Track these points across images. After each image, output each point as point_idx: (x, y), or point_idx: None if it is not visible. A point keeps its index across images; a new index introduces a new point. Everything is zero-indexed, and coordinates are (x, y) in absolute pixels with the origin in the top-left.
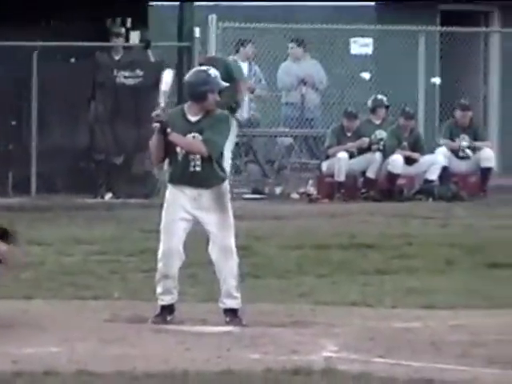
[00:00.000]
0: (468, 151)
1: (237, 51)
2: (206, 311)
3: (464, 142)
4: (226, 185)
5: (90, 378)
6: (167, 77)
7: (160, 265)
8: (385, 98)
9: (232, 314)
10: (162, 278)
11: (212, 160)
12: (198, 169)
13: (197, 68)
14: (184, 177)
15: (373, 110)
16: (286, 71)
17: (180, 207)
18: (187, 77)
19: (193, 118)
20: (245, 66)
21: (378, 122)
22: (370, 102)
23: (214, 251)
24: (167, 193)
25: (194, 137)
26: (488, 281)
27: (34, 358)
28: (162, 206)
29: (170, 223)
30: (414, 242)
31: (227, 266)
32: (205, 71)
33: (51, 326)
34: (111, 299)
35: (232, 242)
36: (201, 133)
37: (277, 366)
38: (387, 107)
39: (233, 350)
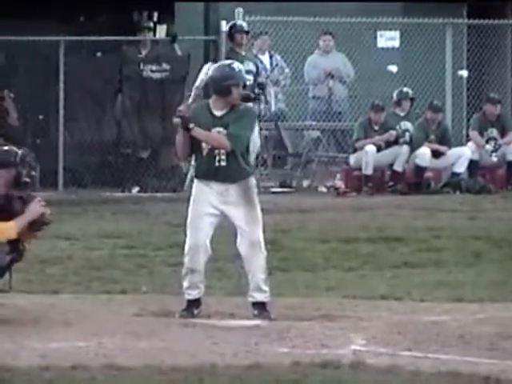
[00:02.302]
0: (493, 156)
1: (252, 44)
2: (234, 305)
3: (488, 145)
4: (253, 179)
5: (118, 371)
6: (204, 71)
7: (186, 259)
8: (410, 91)
9: (260, 307)
10: (188, 272)
11: (237, 154)
12: (223, 163)
13: (221, 62)
14: (210, 172)
15: (398, 103)
16: (313, 65)
17: (207, 202)
18: (211, 71)
19: (218, 113)
20: (265, 58)
21: (402, 114)
22: (395, 95)
23: (242, 245)
24: (194, 187)
25: (218, 131)
26: None
27: (61, 353)
28: (189, 199)
29: (197, 218)
30: (441, 235)
31: (256, 259)
32: (229, 65)
33: (79, 320)
34: (139, 293)
35: (260, 235)
36: (226, 127)
37: (305, 359)
38: (412, 100)
39: (261, 343)
